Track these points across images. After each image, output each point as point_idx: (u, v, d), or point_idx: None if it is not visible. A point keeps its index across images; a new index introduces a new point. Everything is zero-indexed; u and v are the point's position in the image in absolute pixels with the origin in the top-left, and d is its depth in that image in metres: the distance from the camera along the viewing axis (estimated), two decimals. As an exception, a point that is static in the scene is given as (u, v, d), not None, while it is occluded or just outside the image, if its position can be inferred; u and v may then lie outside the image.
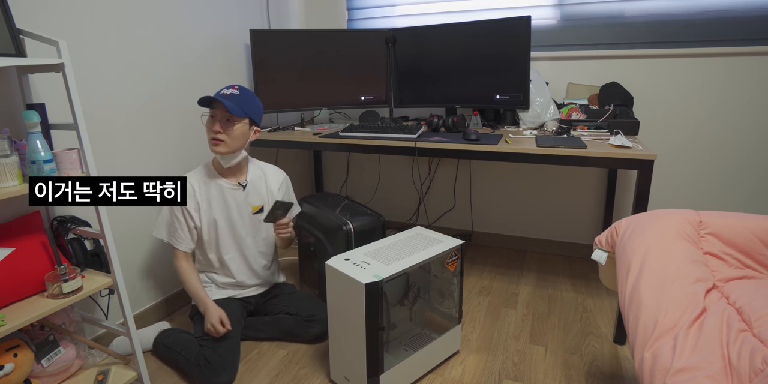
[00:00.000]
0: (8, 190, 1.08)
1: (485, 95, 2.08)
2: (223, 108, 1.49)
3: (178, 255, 1.60)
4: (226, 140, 1.51)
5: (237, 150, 1.55)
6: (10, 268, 1.17)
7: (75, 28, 1.46)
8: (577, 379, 1.49)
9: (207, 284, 1.67)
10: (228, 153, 1.54)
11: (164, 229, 1.59)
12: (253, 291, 1.72)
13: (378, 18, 2.56)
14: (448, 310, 1.59)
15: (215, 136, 1.50)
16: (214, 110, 1.52)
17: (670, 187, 2.24)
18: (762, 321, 0.90)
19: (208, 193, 1.59)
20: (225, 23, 2.10)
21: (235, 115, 1.48)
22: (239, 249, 1.66)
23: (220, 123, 1.50)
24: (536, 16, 2.23)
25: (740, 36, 1.99)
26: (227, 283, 1.68)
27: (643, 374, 0.92)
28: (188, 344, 1.52)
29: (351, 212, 1.79)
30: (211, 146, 1.52)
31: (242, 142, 1.55)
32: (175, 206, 1.54)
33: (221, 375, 1.43)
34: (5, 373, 1.13)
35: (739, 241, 1.17)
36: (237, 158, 1.58)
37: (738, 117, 2.06)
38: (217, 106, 1.51)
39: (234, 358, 1.48)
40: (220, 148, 1.51)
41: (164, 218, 1.58)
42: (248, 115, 1.53)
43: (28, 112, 1.11)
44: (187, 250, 1.60)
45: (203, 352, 1.46)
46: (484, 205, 2.58)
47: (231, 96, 1.51)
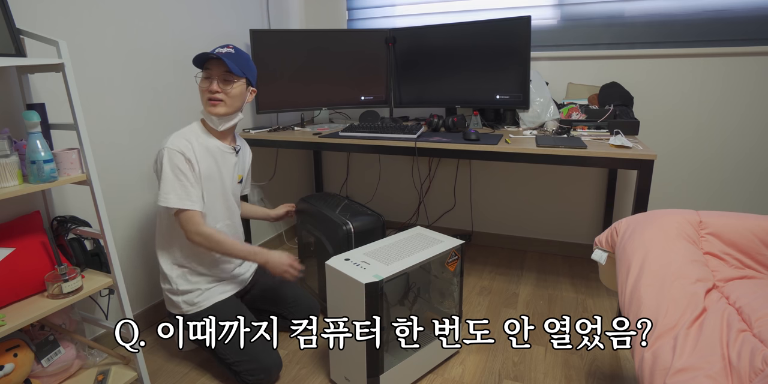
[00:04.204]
0: (8, 190, 1.08)
1: (485, 95, 2.08)
2: (220, 66, 1.43)
3: (196, 220, 1.42)
4: (225, 100, 1.45)
5: (235, 111, 1.50)
6: (10, 268, 1.17)
7: (75, 28, 1.46)
8: (577, 379, 1.49)
9: (205, 285, 1.55)
10: (226, 114, 1.48)
11: (172, 194, 1.39)
12: (245, 273, 1.67)
13: (378, 18, 2.56)
14: (448, 310, 1.59)
15: (213, 95, 1.44)
16: (210, 70, 1.44)
17: (670, 187, 2.24)
18: (762, 321, 0.90)
19: (203, 152, 1.48)
20: (225, 23, 2.10)
21: (235, 73, 1.43)
22: (230, 216, 1.60)
23: (217, 82, 1.44)
24: (536, 16, 2.23)
25: (740, 36, 1.99)
26: (233, 268, 1.60)
27: (643, 374, 0.92)
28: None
29: (351, 212, 1.79)
30: (207, 107, 1.45)
31: (240, 103, 1.50)
32: (175, 160, 1.39)
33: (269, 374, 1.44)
34: (5, 373, 1.13)
35: (739, 241, 1.17)
36: (233, 120, 1.52)
37: (738, 117, 2.06)
38: (213, 66, 1.44)
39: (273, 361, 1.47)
40: (218, 108, 1.45)
41: (168, 182, 1.39)
42: (245, 74, 1.47)
43: (28, 112, 1.11)
44: (202, 209, 1.45)
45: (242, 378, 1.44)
46: (484, 205, 2.58)
47: (227, 54, 1.43)
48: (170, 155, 1.39)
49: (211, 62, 1.45)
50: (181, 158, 1.40)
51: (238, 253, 1.48)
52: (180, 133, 1.46)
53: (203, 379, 1.53)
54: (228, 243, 1.45)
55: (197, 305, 1.51)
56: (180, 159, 1.40)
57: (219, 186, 1.53)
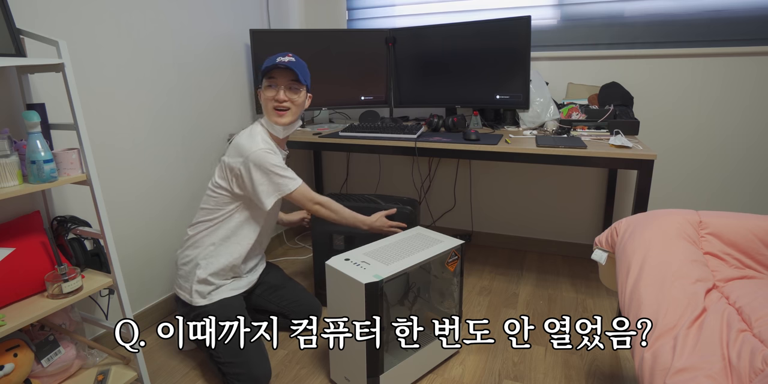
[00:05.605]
0: (8, 190, 1.08)
1: (485, 95, 2.08)
2: (285, 75, 1.45)
3: (309, 192, 1.48)
4: (292, 108, 1.48)
5: (297, 119, 1.53)
6: (10, 268, 1.17)
7: (75, 27, 1.46)
8: (577, 379, 1.49)
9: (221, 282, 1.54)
10: (291, 123, 1.50)
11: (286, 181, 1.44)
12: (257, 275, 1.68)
13: (378, 18, 2.56)
14: (448, 310, 1.59)
15: (281, 104, 1.46)
16: (274, 79, 1.46)
17: (670, 187, 2.24)
18: (762, 321, 0.90)
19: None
20: (225, 23, 2.10)
21: (302, 82, 1.45)
22: (272, 221, 1.65)
23: (284, 91, 1.46)
24: (536, 16, 2.23)
25: (740, 36, 1.99)
26: (249, 268, 1.61)
27: (643, 374, 0.92)
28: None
29: (384, 200, 1.80)
30: (273, 117, 1.47)
31: (302, 110, 1.54)
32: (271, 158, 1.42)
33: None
34: (5, 373, 1.13)
35: (739, 241, 1.17)
36: (295, 127, 1.55)
37: (738, 117, 2.06)
38: (277, 74, 1.45)
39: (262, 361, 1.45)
40: (285, 118, 1.48)
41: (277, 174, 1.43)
42: (306, 82, 1.50)
43: (28, 112, 1.11)
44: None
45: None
46: (484, 205, 2.58)
47: (291, 63, 1.45)
48: (265, 156, 1.42)
49: (275, 71, 1.46)
50: (273, 156, 1.44)
51: (349, 219, 1.57)
52: (261, 137, 1.48)
53: (203, 379, 1.53)
54: (343, 211, 1.55)
55: (207, 298, 1.51)
56: (272, 156, 1.44)
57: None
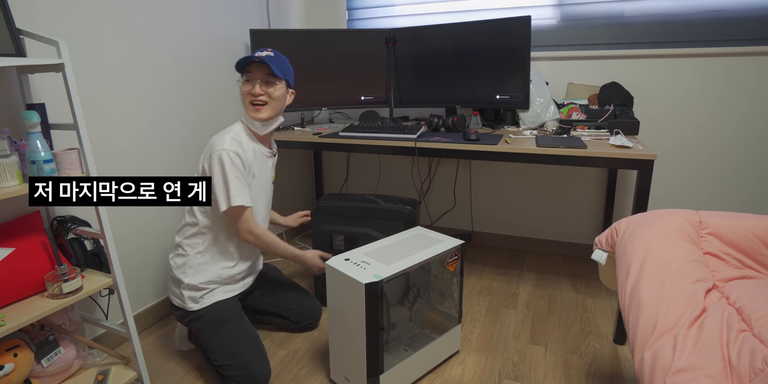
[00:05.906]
0: (8, 190, 1.08)
1: (485, 95, 2.08)
2: (261, 69, 1.45)
3: (252, 218, 1.46)
4: (269, 102, 1.47)
5: (277, 114, 1.52)
6: (10, 268, 1.17)
7: (75, 27, 1.46)
8: (577, 379, 1.49)
9: (212, 285, 1.53)
10: (269, 118, 1.49)
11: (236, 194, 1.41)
12: (253, 278, 1.67)
13: (378, 18, 2.56)
14: (448, 310, 1.59)
15: (256, 99, 1.45)
16: (251, 74, 1.46)
17: (670, 187, 2.24)
18: (762, 321, 0.90)
19: (251, 155, 1.50)
20: (225, 23, 2.10)
21: (277, 75, 1.44)
22: (265, 220, 1.64)
23: (260, 85, 1.45)
24: (536, 16, 2.23)
25: (740, 36, 1.99)
26: (242, 271, 1.58)
27: (643, 374, 0.92)
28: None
29: (383, 200, 1.80)
30: (250, 112, 1.47)
31: (282, 105, 1.52)
32: (235, 162, 1.41)
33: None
34: (5, 373, 1.13)
35: (739, 241, 1.17)
36: (276, 124, 1.54)
37: (738, 117, 2.06)
38: (254, 69, 1.45)
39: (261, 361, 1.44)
40: (262, 113, 1.46)
41: (233, 182, 1.41)
42: (285, 76, 1.49)
43: (28, 112, 1.11)
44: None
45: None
46: (484, 205, 2.58)
47: (267, 57, 1.44)
48: (230, 157, 1.41)
49: (252, 66, 1.46)
50: (239, 160, 1.43)
51: (282, 253, 1.56)
52: (231, 135, 1.46)
53: (202, 379, 1.53)
54: (276, 243, 1.53)
55: (200, 302, 1.50)
56: (238, 161, 1.42)
57: (263, 188, 1.58)
